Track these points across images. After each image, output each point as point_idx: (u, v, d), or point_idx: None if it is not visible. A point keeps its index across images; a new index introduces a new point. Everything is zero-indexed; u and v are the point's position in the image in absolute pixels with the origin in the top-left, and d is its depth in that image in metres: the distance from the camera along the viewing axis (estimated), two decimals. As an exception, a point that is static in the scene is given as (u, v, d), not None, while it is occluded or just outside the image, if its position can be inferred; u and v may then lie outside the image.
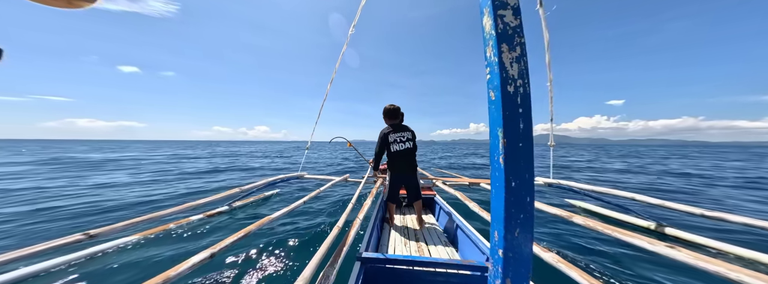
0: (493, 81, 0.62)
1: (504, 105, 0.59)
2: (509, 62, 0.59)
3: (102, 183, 7.51)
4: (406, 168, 2.89)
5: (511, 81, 0.59)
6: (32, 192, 6.02)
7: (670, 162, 18.12)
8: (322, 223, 3.91)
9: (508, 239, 0.61)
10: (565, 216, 2.52)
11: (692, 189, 7.47)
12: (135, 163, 13.79)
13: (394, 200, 3.07)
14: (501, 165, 0.61)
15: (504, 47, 0.60)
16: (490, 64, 0.63)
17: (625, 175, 10.84)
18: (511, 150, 0.60)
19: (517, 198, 0.61)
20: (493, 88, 0.62)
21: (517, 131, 0.59)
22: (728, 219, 2.58)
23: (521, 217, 0.61)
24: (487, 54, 0.64)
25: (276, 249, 2.95)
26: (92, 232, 2.30)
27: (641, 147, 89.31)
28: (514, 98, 0.59)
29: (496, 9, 0.61)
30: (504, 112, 0.59)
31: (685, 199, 5.99)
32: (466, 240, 2.36)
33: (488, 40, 0.63)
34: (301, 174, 5.48)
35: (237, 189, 4.09)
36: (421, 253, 2.43)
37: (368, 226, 2.47)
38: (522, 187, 0.61)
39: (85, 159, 15.77)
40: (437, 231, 2.96)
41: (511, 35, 0.60)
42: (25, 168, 10.88)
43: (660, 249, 1.75)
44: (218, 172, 10.82)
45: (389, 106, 2.90)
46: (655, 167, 14.15)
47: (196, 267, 1.58)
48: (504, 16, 0.60)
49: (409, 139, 2.88)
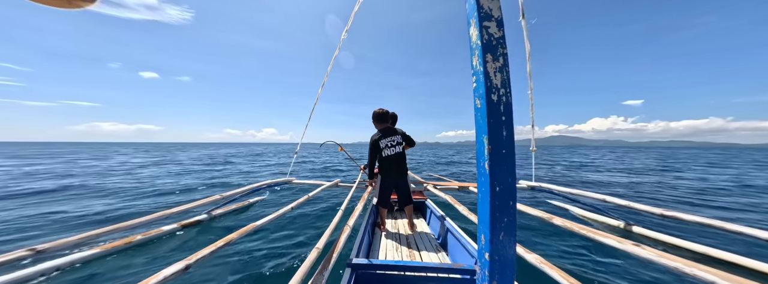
0: (479, 89, 0.64)
1: (489, 112, 0.61)
2: (493, 71, 0.62)
3: (248, 171, 12.15)
4: (396, 171, 2.90)
5: (494, 90, 0.61)
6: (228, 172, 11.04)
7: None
8: (311, 229, 3.81)
9: (494, 242, 0.63)
10: (546, 218, 2.61)
11: None
12: (245, 159, 18.42)
13: (386, 204, 3.05)
14: (486, 170, 0.62)
15: (488, 57, 0.62)
16: (476, 72, 0.65)
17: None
18: (496, 156, 0.62)
19: (501, 202, 0.63)
20: (479, 96, 0.64)
21: (500, 138, 0.62)
22: (683, 218, 2.86)
23: (505, 221, 0.63)
24: (473, 63, 0.66)
25: (261, 259, 2.80)
26: (40, 247, 2.06)
27: (682, 150, 75.30)
28: (498, 106, 0.61)
29: (481, 20, 0.63)
30: (489, 120, 0.61)
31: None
32: (456, 244, 2.38)
33: (474, 49, 0.65)
34: (290, 180, 5.32)
35: (217, 196, 3.89)
36: (413, 258, 2.42)
37: (359, 232, 2.43)
38: (505, 192, 0.63)
39: (203, 159, 19.58)
40: (429, 235, 2.97)
41: (495, 46, 0.62)
42: (187, 166, 13.72)
43: (627, 248, 1.87)
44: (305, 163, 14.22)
45: (378, 110, 2.89)
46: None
47: (169, 280, 1.47)
48: (488, 27, 0.63)
49: (399, 142, 2.90)
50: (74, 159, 17.72)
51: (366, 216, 2.99)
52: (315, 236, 3.54)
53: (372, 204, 3.40)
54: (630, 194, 7.08)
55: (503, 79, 0.62)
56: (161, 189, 6.95)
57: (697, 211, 5.12)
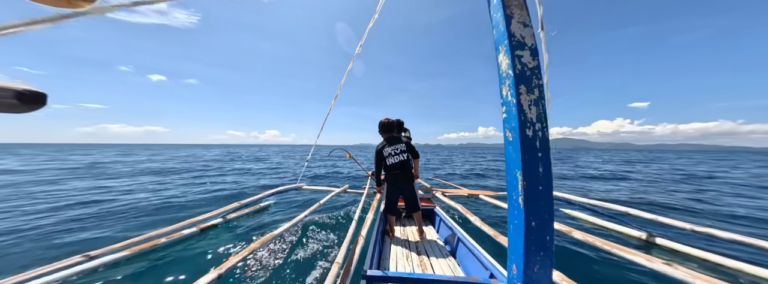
0: (511, 122, 0.60)
1: (523, 148, 0.57)
2: (527, 104, 0.58)
3: (278, 162, 15.41)
4: (401, 180, 2.95)
5: (529, 124, 0.57)
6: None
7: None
8: (327, 238, 3.85)
9: (528, 274, 0.60)
10: (565, 231, 2.51)
11: None
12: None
13: (393, 212, 3.10)
14: (520, 205, 0.59)
15: (522, 89, 0.58)
16: (507, 103, 0.61)
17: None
18: (531, 192, 0.58)
19: (538, 237, 0.59)
20: (511, 129, 0.60)
21: (536, 174, 0.58)
22: (717, 235, 2.63)
23: (541, 255, 0.60)
24: (503, 93, 0.63)
25: (283, 266, 2.88)
26: (92, 253, 2.27)
27: (697, 153, 75.49)
28: (533, 142, 0.57)
29: (513, 49, 0.59)
30: (523, 156, 0.57)
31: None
32: (468, 254, 2.35)
33: (504, 78, 0.62)
34: (299, 186, 5.39)
35: (236, 204, 4.05)
36: (424, 267, 2.41)
37: (371, 240, 2.45)
38: (542, 227, 0.59)
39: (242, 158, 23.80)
40: (438, 243, 2.94)
41: (529, 76, 0.59)
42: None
43: (658, 267, 1.76)
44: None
45: (384, 120, 3.00)
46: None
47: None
48: (521, 56, 0.59)
49: (403, 150, 2.95)
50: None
51: (376, 223, 3.00)
52: (330, 245, 3.60)
53: (380, 212, 3.40)
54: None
55: (539, 112, 0.57)
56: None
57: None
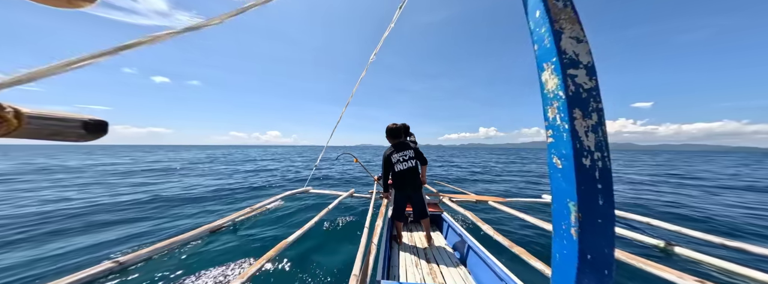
0: (560, 149, 0.54)
1: (578, 179, 0.51)
2: (584, 131, 0.52)
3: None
4: (409, 186, 2.94)
5: (586, 153, 0.52)
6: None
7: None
8: (338, 245, 3.84)
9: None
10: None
11: None
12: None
13: (400, 218, 3.09)
14: (573, 237, 0.53)
15: (577, 113, 0.52)
16: (555, 127, 0.55)
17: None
18: (589, 225, 0.52)
19: (594, 269, 0.54)
20: (560, 156, 0.54)
21: (595, 207, 0.52)
22: (750, 251, 2.54)
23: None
24: (549, 115, 0.57)
25: (300, 276, 2.89)
26: (121, 259, 2.32)
27: (714, 154, 74.16)
28: (592, 173, 0.51)
29: (564, 68, 0.53)
30: (578, 187, 0.52)
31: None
32: (479, 263, 2.29)
33: (551, 100, 0.56)
34: (306, 190, 5.44)
35: (247, 209, 4.13)
36: (433, 275, 2.36)
37: (380, 248, 2.43)
38: (600, 261, 0.54)
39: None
40: (447, 250, 2.89)
41: (585, 99, 0.53)
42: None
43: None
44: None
45: (391, 125, 2.98)
46: None
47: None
48: (575, 76, 0.53)
49: (411, 157, 2.94)
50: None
51: (384, 230, 2.99)
52: (339, 249, 3.59)
53: (387, 218, 3.39)
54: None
55: (599, 140, 0.51)
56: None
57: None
